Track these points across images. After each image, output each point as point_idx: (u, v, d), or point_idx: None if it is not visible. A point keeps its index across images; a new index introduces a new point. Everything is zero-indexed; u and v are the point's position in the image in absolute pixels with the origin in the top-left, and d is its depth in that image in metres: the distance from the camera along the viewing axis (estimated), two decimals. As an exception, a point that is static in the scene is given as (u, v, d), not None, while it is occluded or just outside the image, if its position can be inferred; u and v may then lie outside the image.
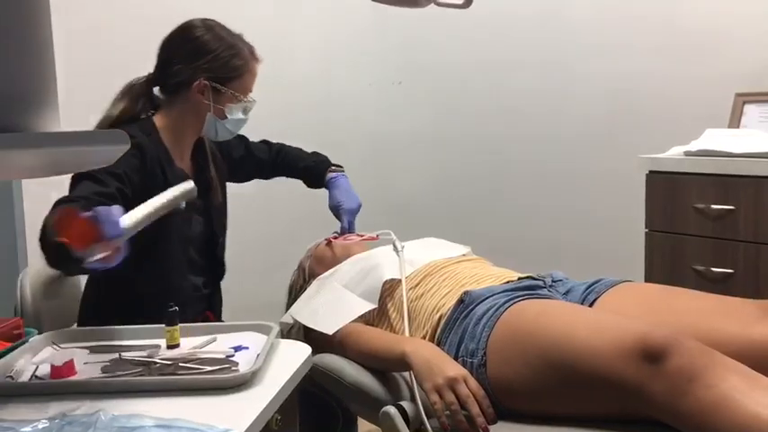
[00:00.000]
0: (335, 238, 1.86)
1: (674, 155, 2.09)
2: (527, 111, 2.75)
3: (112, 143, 0.79)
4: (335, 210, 1.90)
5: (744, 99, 2.28)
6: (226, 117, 1.62)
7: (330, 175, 1.92)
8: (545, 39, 2.71)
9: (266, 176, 1.99)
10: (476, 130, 2.81)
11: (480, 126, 2.80)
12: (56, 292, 1.59)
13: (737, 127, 2.26)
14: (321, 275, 1.73)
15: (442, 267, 1.58)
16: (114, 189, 1.39)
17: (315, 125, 2.12)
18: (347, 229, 1.90)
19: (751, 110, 2.27)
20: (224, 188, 1.79)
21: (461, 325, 1.36)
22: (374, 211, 1.98)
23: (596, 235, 2.67)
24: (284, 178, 2.01)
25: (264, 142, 1.98)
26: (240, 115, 1.64)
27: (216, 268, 1.76)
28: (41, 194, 1.49)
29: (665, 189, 2.05)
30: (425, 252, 1.67)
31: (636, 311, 1.30)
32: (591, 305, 1.39)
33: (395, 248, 1.68)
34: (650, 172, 2.08)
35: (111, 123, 1.57)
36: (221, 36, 1.61)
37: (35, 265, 1.59)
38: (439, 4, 1.52)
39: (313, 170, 1.94)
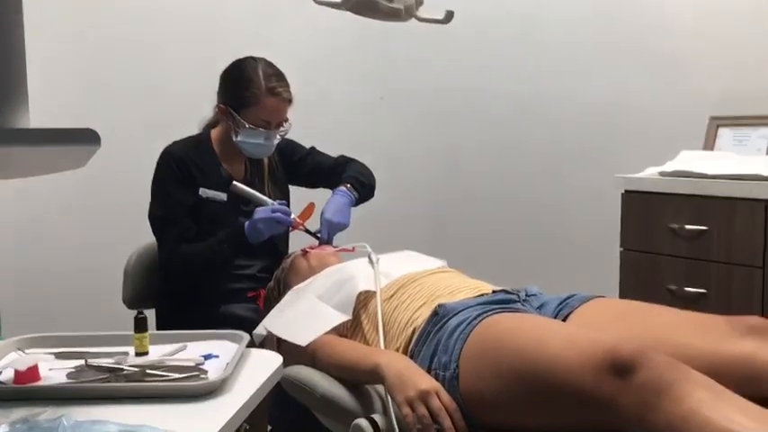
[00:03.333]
0: (312, 249, 1.87)
1: (649, 175, 2.11)
2: (505, 127, 2.78)
3: (84, 142, 0.78)
4: (321, 219, 1.94)
5: (718, 122, 2.32)
6: (239, 139, 1.90)
7: (338, 187, 2.01)
8: (522, 57, 2.74)
9: (327, 183, 2.09)
10: (454, 146, 2.83)
11: (458, 142, 2.82)
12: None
13: (712, 149, 2.30)
14: (296, 286, 1.73)
15: (416, 279, 1.58)
16: (185, 215, 1.89)
17: (296, 138, 2.15)
18: (324, 241, 1.91)
19: (725, 133, 2.30)
20: (283, 191, 2.09)
21: (435, 338, 1.36)
22: (353, 223, 1.99)
23: (571, 252, 2.70)
24: None
25: (341, 156, 2.16)
26: (259, 140, 1.91)
27: (274, 257, 2.01)
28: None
29: (641, 209, 2.07)
30: (401, 264, 1.67)
31: (608, 326, 1.30)
32: (564, 319, 1.39)
33: (370, 261, 1.68)
34: (626, 191, 2.10)
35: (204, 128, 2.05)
36: (245, 69, 1.90)
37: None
38: (420, 20, 1.54)
39: (337, 180, 2.05)
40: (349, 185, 2.01)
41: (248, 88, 1.89)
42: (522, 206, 2.78)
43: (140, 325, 1.22)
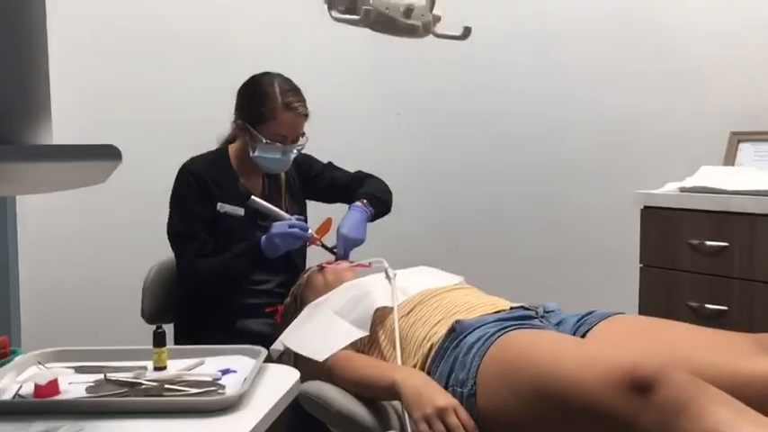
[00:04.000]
0: (328, 264, 1.87)
1: (669, 191, 2.10)
2: (524, 143, 2.77)
3: (105, 158, 0.80)
4: (337, 235, 1.95)
5: (738, 137, 2.30)
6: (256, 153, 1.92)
7: (355, 203, 2.02)
8: (543, 73, 2.74)
9: (344, 198, 2.10)
10: (472, 161, 2.83)
11: (476, 157, 2.82)
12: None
13: (732, 164, 2.28)
14: (313, 302, 1.74)
15: (433, 296, 1.58)
16: (203, 230, 1.92)
17: (318, 148, 2.16)
18: (341, 256, 1.92)
19: (746, 148, 2.28)
20: (300, 206, 2.11)
21: (452, 354, 1.35)
22: (368, 239, 1.99)
23: (590, 268, 2.68)
24: None
25: (358, 172, 2.17)
26: (276, 155, 1.92)
27: (291, 272, 2.03)
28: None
29: (660, 225, 2.06)
30: (418, 280, 1.68)
31: (628, 343, 1.29)
32: (583, 336, 1.38)
33: (387, 276, 1.68)
34: (645, 207, 2.09)
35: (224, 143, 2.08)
36: (261, 84, 1.93)
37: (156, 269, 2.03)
38: (437, 36, 1.54)
39: (354, 196, 2.05)
40: (365, 201, 2.02)
41: (264, 104, 1.90)
42: (541, 223, 2.77)
43: (159, 340, 1.23)
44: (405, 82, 2.82)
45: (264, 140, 1.90)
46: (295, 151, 1.97)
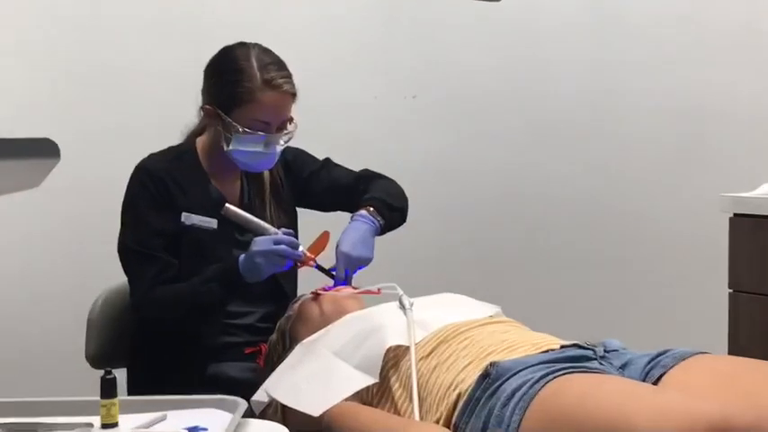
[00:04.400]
0: (325, 290, 1.87)
1: (765, 194, 2.09)
2: (572, 135, 2.78)
3: (39, 156, 0.80)
4: (336, 252, 1.95)
5: None
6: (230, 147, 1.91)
7: (359, 211, 2.01)
8: (592, 45, 2.75)
9: (346, 205, 2.10)
10: (507, 157, 2.83)
11: (513, 153, 2.82)
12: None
13: None
14: (306, 339, 1.74)
15: (462, 332, 1.57)
16: (164, 248, 1.92)
17: (312, 141, 2.16)
18: (341, 280, 1.92)
19: None
20: (290, 216, 2.10)
21: (486, 406, 1.35)
22: (377, 257, 1.99)
23: (665, 295, 2.67)
24: None
25: (364, 171, 2.17)
26: (257, 148, 1.91)
27: (278, 301, 2.02)
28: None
29: (754, 237, 2.05)
30: (441, 311, 1.67)
31: (713, 391, 1.29)
32: (655, 383, 1.38)
33: (401, 306, 1.68)
34: (735, 215, 2.08)
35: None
36: (234, 57, 1.93)
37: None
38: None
39: (359, 202, 2.05)
40: (372, 209, 2.01)
41: (240, 82, 1.90)
42: (598, 237, 2.77)
43: (108, 388, 1.22)
44: (421, 56, 2.83)
45: (242, 129, 1.90)
46: (281, 142, 1.97)
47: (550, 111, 2.81)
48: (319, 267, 1.95)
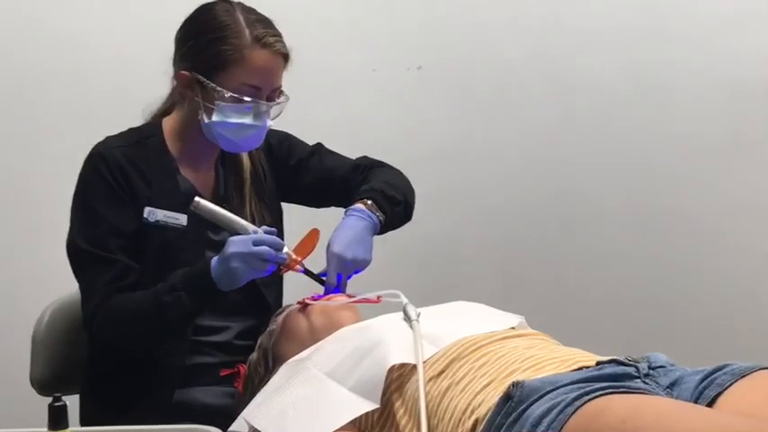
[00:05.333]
0: (315, 299, 1.87)
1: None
2: (605, 110, 2.79)
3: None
4: (327, 254, 1.95)
5: None
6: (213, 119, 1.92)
7: (353, 205, 2.01)
8: (632, 9, 2.74)
9: (342, 199, 2.10)
10: (530, 139, 2.83)
11: (537, 134, 2.82)
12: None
13: None
14: (293, 358, 1.73)
15: (478, 347, 1.57)
16: (122, 249, 1.91)
17: (297, 124, 2.15)
18: (333, 287, 1.93)
19: None
20: (274, 212, 2.11)
21: (509, 434, 1.35)
22: (377, 258, 1.99)
23: (720, 300, 2.67)
24: None
25: (363, 158, 2.19)
26: (245, 119, 1.92)
27: (259, 313, 2.03)
28: None
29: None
30: (453, 323, 1.67)
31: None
32: (710, 404, 1.37)
33: (406, 317, 1.68)
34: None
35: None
36: (216, 13, 1.94)
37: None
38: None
39: (353, 197, 2.05)
40: (370, 202, 2.02)
41: (225, 39, 1.90)
42: (643, 228, 2.77)
43: (57, 418, 1.23)
44: (427, 21, 2.83)
45: (228, 94, 1.90)
46: (271, 114, 1.96)
47: (581, 84, 2.80)
48: (307, 272, 1.95)
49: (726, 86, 2.73)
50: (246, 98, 1.90)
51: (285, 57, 1.95)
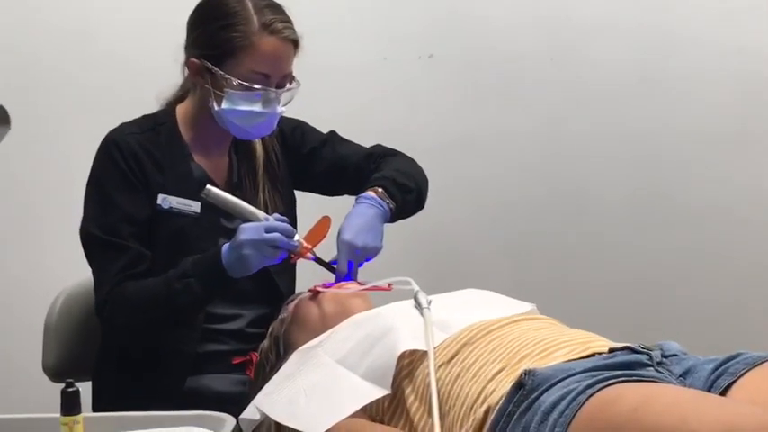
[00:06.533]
0: (326, 287, 1.87)
1: None
2: (617, 103, 2.78)
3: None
4: (338, 242, 1.95)
5: None
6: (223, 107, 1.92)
7: (364, 193, 2.01)
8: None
9: (355, 187, 2.09)
10: (543, 129, 2.82)
11: (551, 123, 2.82)
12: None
13: None
14: (304, 345, 1.74)
15: (489, 331, 1.57)
16: (135, 236, 1.91)
17: (309, 113, 2.16)
18: (344, 275, 1.93)
19: None
20: (287, 200, 2.11)
21: (521, 422, 1.35)
22: (389, 247, 1.99)
23: (733, 288, 2.66)
24: None
25: (377, 146, 2.19)
26: (255, 106, 1.92)
27: (271, 301, 2.03)
28: None
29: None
30: (464, 311, 1.67)
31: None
32: (723, 393, 1.37)
33: (417, 304, 1.68)
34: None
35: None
36: (225, 2, 1.94)
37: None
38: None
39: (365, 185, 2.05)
40: (380, 190, 2.01)
41: (234, 26, 1.90)
42: (654, 219, 2.76)
43: (69, 403, 1.23)
44: (439, 8, 2.82)
45: (236, 82, 1.90)
46: (282, 101, 1.97)
47: (593, 75, 2.80)
48: (318, 260, 1.94)
49: (732, 80, 2.72)
50: (256, 86, 1.90)
51: (295, 43, 1.95)
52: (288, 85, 1.96)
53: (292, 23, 1.95)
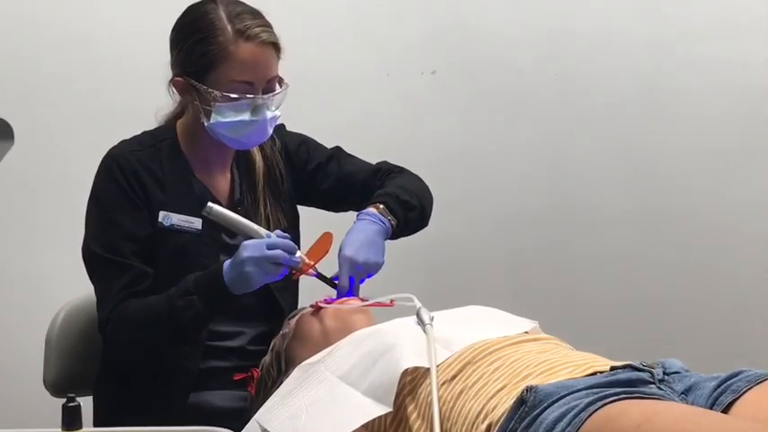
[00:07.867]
0: (328, 302, 1.87)
1: None
2: (618, 116, 2.78)
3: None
4: (339, 258, 1.95)
5: None
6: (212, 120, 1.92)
7: (365, 209, 2.00)
8: (647, 14, 2.74)
9: (361, 203, 2.07)
10: (544, 145, 2.83)
11: (551, 140, 2.81)
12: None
13: None
14: (305, 361, 1.73)
15: (492, 351, 1.57)
16: (137, 254, 1.91)
17: (312, 128, 2.15)
18: (346, 290, 1.93)
19: None
20: (291, 216, 2.10)
21: (522, 439, 1.35)
22: (390, 263, 1.99)
23: (736, 305, 2.66)
24: None
25: (383, 163, 2.18)
26: (242, 116, 1.90)
27: (273, 318, 2.02)
28: None
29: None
30: (467, 328, 1.67)
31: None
32: (725, 411, 1.37)
33: (419, 321, 1.67)
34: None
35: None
36: (199, 13, 1.94)
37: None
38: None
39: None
40: (381, 206, 2.01)
41: (209, 39, 1.90)
42: (656, 233, 2.76)
43: (70, 418, 1.23)
44: (441, 25, 2.83)
45: (220, 94, 1.89)
46: (273, 105, 1.95)
47: (595, 90, 2.80)
48: (320, 276, 1.94)
49: (736, 95, 2.73)
50: (240, 95, 1.89)
51: (275, 45, 1.93)
52: (277, 89, 1.95)
53: (271, 27, 1.93)
